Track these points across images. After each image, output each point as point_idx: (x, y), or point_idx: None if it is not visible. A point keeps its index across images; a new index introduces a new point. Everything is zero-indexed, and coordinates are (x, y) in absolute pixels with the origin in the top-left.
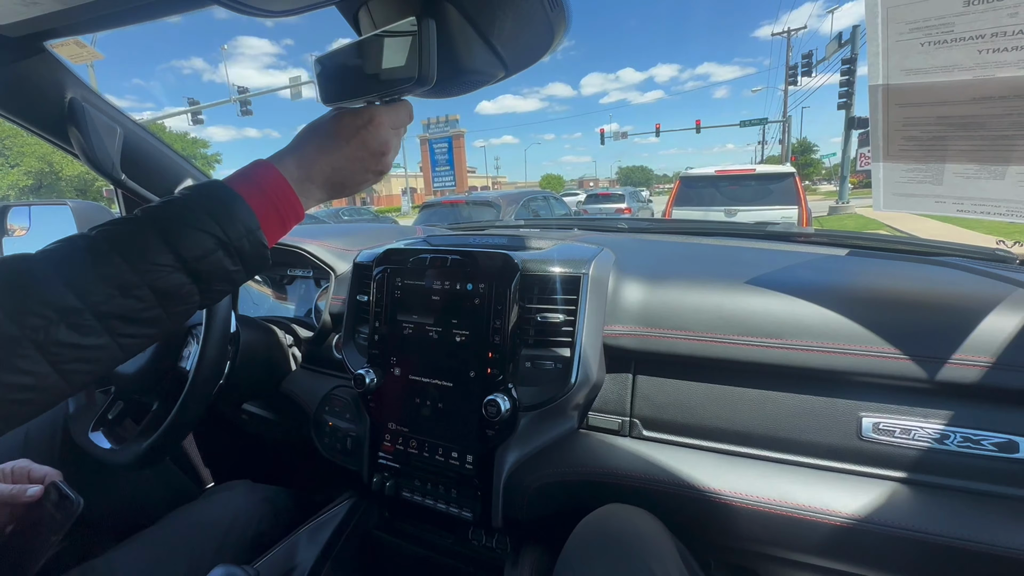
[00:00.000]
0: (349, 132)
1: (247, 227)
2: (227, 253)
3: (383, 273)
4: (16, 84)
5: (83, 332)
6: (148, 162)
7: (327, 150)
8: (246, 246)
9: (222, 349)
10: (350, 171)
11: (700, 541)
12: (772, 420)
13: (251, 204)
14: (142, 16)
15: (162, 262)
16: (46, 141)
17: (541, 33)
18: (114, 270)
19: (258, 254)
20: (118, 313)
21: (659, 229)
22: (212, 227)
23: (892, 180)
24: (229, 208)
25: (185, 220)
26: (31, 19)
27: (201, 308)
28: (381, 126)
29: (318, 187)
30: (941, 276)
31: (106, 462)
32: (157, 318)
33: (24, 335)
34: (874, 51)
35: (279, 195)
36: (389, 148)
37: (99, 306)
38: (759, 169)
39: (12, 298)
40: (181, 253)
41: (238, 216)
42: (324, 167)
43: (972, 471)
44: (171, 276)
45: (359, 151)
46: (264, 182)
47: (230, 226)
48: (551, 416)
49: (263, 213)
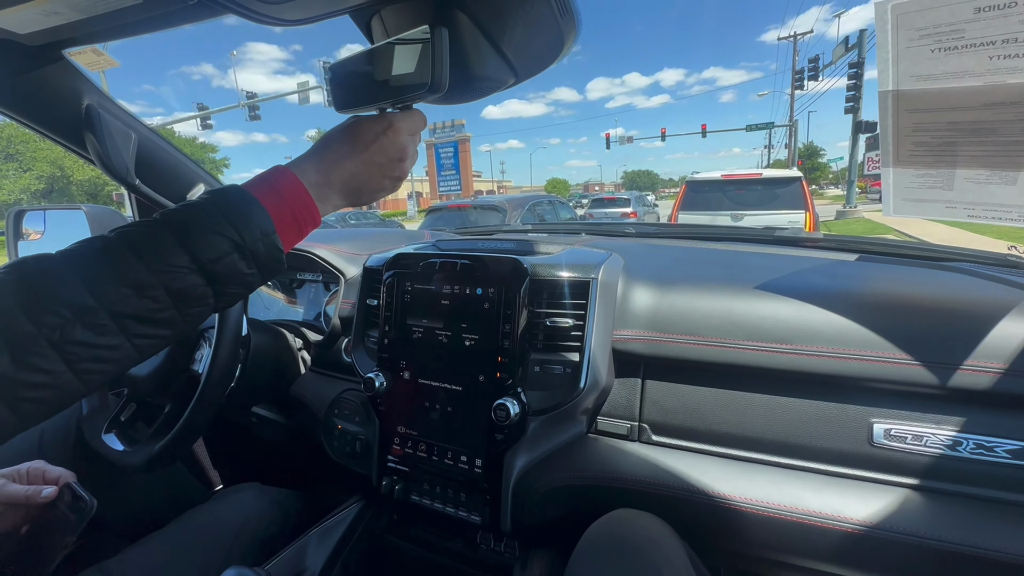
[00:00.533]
0: (368, 138)
1: (263, 231)
2: (242, 256)
3: (393, 277)
4: (35, 91)
5: (99, 332)
6: (161, 167)
7: (347, 156)
8: (261, 249)
9: (233, 352)
10: (368, 177)
11: (710, 547)
12: (782, 425)
13: (268, 208)
14: (158, 25)
15: (178, 263)
16: (62, 147)
17: (551, 40)
18: (130, 270)
19: (273, 258)
20: (133, 313)
21: (666, 234)
22: (228, 230)
23: (902, 185)
24: (245, 212)
25: (201, 223)
26: (51, 28)
27: (215, 311)
28: (400, 132)
29: (336, 193)
30: (952, 281)
31: (119, 464)
32: (172, 319)
33: (41, 333)
34: (884, 57)
35: (296, 200)
36: (407, 154)
37: (114, 306)
38: (766, 173)
39: (29, 296)
40: (197, 255)
41: (254, 220)
42: (343, 173)
43: (985, 478)
44: (186, 277)
45: (378, 157)
46: (282, 187)
47: (246, 230)
48: (560, 420)
49: (279, 218)
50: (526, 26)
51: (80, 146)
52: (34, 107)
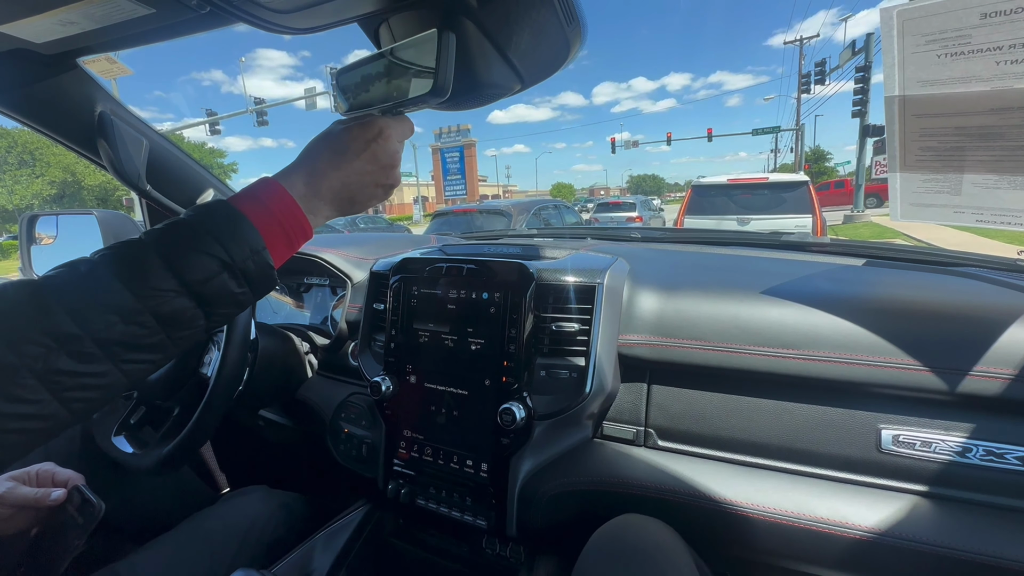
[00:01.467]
0: (359, 145)
1: (252, 248)
2: (232, 275)
3: (399, 282)
4: (50, 99)
5: (84, 360)
6: (171, 172)
7: (337, 165)
8: (251, 267)
9: (242, 356)
10: (360, 186)
11: (716, 553)
12: (789, 431)
13: (256, 224)
14: (170, 34)
15: (165, 287)
16: (75, 153)
17: (557, 47)
18: (115, 296)
19: (264, 275)
20: (120, 340)
21: (672, 238)
22: (216, 249)
23: (909, 190)
24: (233, 229)
25: (188, 242)
26: (66, 38)
27: (207, 332)
28: (390, 139)
29: (326, 204)
30: (961, 287)
31: (129, 466)
32: (161, 344)
33: (23, 364)
34: (890, 62)
35: (285, 214)
36: (398, 160)
37: (100, 333)
38: (772, 178)
39: (11, 326)
40: (184, 277)
41: (243, 237)
42: (333, 182)
43: (995, 485)
44: (174, 301)
45: (369, 164)
46: (270, 200)
47: (234, 247)
48: (566, 425)
49: (269, 233)
50: (532, 33)
51: (93, 152)
52: (49, 114)
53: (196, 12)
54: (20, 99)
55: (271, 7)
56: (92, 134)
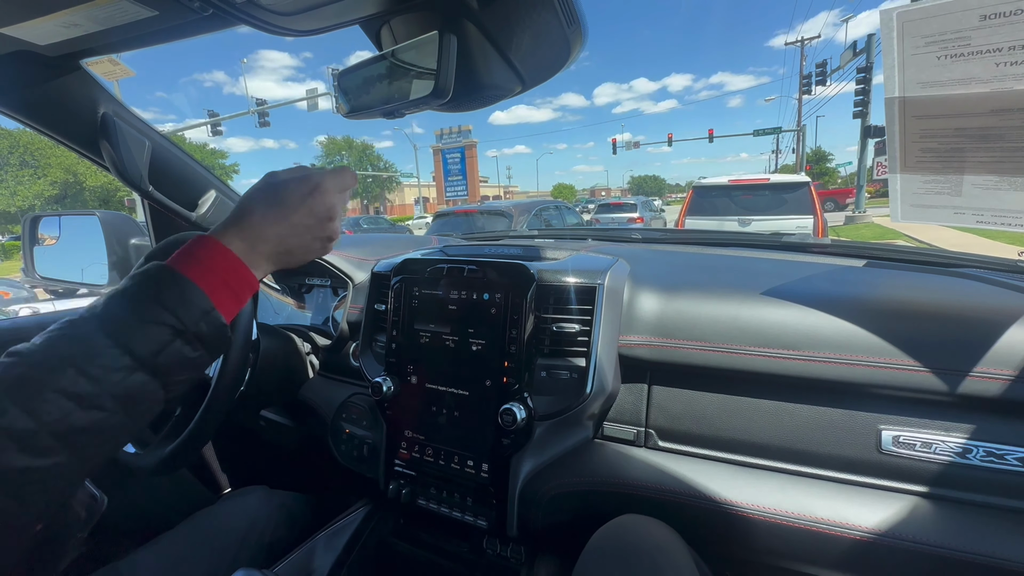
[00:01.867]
0: (294, 201)
1: (202, 309)
2: (186, 341)
3: (401, 282)
4: (53, 100)
5: (38, 454)
6: (174, 174)
7: (271, 220)
8: (204, 329)
9: (243, 356)
10: (297, 240)
11: (716, 553)
12: (789, 432)
13: (201, 285)
14: (173, 35)
15: (118, 365)
16: (78, 154)
17: (558, 49)
18: (69, 383)
19: (218, 335)
20: (79, 427)
21: (673, 239)
22: (165, 316)
23: (910, 191)
24: (179, 293)
25: (134, 315)
26: (70, 40)
27: (167, 403)
28: (328, 192)
29: (264, 259)
30: (962, 288)
31: (130, 466)
32: (121, 425)
33: None
34: (890, 64)
35: (229, 271)
36: (336, 213)
37: (56, 424)
38: (773, 178)
39: None
40: (136, 351)
41: (190, 300)
42: (270, 236)
43: (996, 486)
44: (129, 378)
45: (306, 218)
46: (210, 260)
47: (183, 312)
48: (566, 425)
49: (215, 292)
50: (533, 35)
51: (96, 153)
52: (52, 115)
53: (199, 14)
54: (23, 100)
55: (273, 9)
56: (95, 135)
